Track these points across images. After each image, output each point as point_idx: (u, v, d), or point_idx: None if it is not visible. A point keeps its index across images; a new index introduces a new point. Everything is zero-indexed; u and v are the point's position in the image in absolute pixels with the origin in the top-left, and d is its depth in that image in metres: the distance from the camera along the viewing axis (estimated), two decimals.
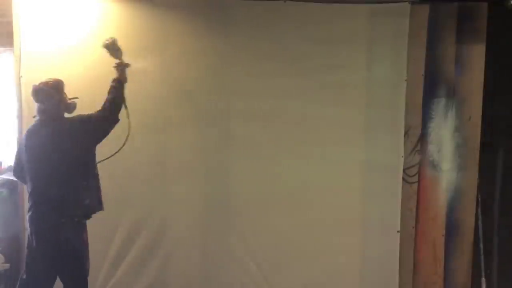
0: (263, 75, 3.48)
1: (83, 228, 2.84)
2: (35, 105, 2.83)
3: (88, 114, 2.84)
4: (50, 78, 2.84)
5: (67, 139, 2.76)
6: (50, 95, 2.78)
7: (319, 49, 3.47)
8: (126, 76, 2.96)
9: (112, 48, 2.94)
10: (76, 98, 2.93)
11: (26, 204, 3.43)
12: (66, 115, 2.88)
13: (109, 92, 2.90)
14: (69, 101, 2.89)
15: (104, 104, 2.87)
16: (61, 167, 2.74)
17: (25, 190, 3.46)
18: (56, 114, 2.81)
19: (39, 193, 2.77)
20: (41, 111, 2.80)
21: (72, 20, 3.47)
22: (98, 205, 2.87)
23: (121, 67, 2.94)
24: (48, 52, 3.47)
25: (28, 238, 2.81)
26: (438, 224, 3.58)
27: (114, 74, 2.96)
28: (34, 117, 2.87)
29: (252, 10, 3.47)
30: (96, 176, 2.87)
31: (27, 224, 3.44)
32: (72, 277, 2.83)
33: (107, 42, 2.94)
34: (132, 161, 3.49)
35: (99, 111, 2.85)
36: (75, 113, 2.92)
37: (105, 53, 3.29)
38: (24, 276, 2.82)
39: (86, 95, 3.45)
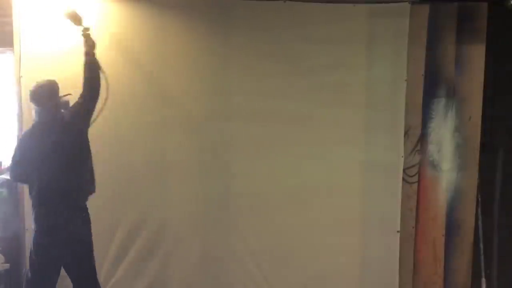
0: (263, 75, 3.48)
1: (90, 222, 2.90)
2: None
3: (75, 103, 2.90)
4: (44, 80, 2.88)
5: (66, 132, 2.84)
6: (47, 98, 2.84)
7: (319, 49, 3.47)
8: (93, 40, 2.94)
9: (74, 17, 2.98)
10: (70, 94, 2.96)
11: (28, 204, 3.46)
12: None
13: (84, 71, 2.91)
14: (63, 99, 2.93)
15: (84, 85, 2.90)
16: (66, 161, 2.81)
17: (26, 190, 3.47)
18: (54, 113, 2.87)
19: (47, 191, 2.79)
20: (39, 113, 2.86)
21: None
22: (93, 186, 2.94)
23: (86, 33, 2.95)
24: (48, 52, 3.47)
25: (34, 236, 2.82)
26: (438, 224, 3.58)
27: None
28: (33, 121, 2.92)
29: (252, 10, 3.46)
30: (91, 157, 2.94)
31: (27, 224, 3.48)
32: (83, 273, 2.88)
33: (68, 11, 2.99)
34: (132, 161, 3.49)
35: (82, 94, 2.89)
36: None
37: (104, 52, 3.29)
38: (29, 275, 2.83)
39: None
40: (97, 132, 3.46)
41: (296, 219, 3.53)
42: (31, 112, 3.42)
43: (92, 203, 3.47)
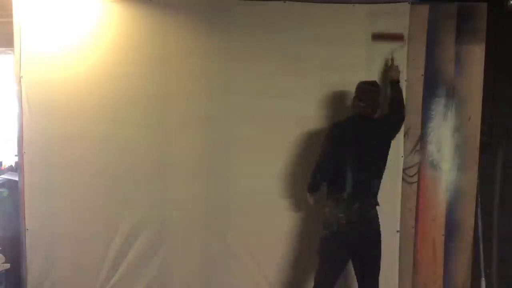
0: (263, 75, 3.48)
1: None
2: (35, 104, 2.83)
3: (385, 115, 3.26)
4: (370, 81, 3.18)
5: (378, 134, 3.10)
6: (377, 95, 3.12)
7: (319, 49, 3.47)
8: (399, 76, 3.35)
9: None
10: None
11: (28, 204, 3.46)
12: None
13: (392, 94, 3.31)
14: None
15: (392, 105, 3.29)
16: (375, 159, 3.08)
17: (26, 190, 3.48)
18: (373, 112, 3.11)
19: (360, 185, 3.00)
20: (360, 108, 3.09)
21: (72, 20, 3.47)
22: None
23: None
24: (48, 52, 3.48)
25: (327, 236, 3.05)
26: (438, 224, 3.58)
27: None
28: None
29: (252, 10, 3.47)
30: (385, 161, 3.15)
31: (27, 224, 3.48)
32: (374, 271, 3.11)
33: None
34: (132, 161, 3.50)
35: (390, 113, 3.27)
36: None
37: (105, 53, 3.29)
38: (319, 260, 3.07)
39: (86, 95, 3.49)
40: (97, 131, 3.49)
41: (296, 219, 3.53)
42: (31, 112, 3.45)
43: (92, 203, 3.51)
